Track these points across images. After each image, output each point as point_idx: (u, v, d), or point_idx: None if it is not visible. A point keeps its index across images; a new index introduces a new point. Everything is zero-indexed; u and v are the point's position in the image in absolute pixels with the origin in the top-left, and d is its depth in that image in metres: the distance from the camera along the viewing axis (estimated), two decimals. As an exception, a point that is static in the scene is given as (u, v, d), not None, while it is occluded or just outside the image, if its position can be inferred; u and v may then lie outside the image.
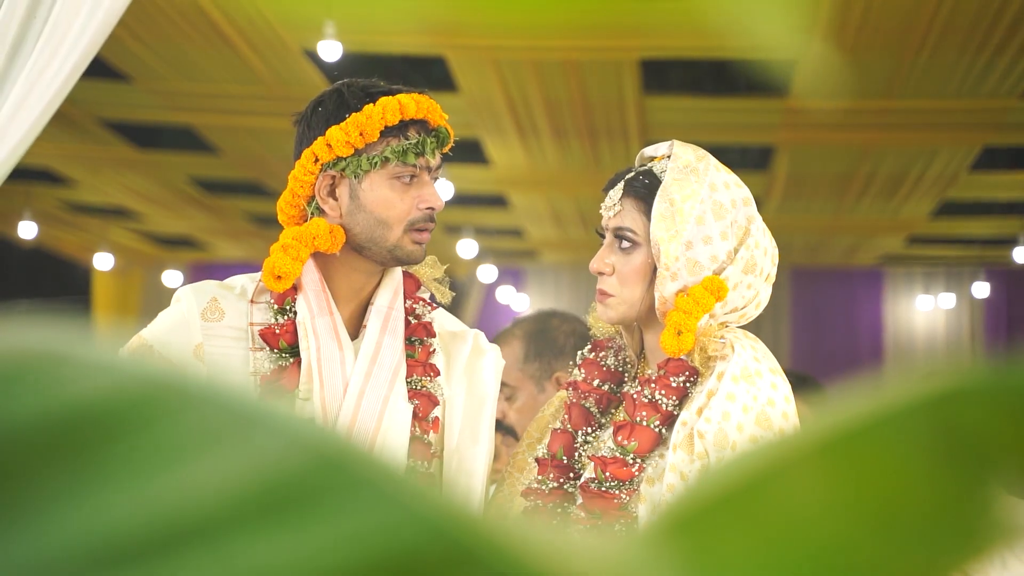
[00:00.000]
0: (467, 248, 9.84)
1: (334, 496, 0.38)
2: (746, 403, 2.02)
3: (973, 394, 0.44)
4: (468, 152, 7.95)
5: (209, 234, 11.57)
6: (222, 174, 8.98)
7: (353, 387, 2.14)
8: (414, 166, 2.14)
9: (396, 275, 2.26)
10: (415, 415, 2.17)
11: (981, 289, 11.40)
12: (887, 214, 9.48)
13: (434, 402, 2.21)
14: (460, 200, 8.83)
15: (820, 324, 12.30)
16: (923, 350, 12.09)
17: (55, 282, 12.27)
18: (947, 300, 12.05)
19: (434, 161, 2.17)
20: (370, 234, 2.15)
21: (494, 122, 7.30)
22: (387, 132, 2.12)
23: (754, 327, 2.16)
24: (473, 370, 2.30)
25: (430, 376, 2.22)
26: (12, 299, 11.52)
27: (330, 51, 5.36)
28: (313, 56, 6.03)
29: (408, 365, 2.20)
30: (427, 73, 6.63)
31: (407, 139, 2.13)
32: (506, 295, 11.94)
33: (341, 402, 2.13)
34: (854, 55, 6.01)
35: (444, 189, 8.02)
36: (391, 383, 2.16)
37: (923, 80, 6.35)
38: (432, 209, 2.16)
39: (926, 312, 12.21)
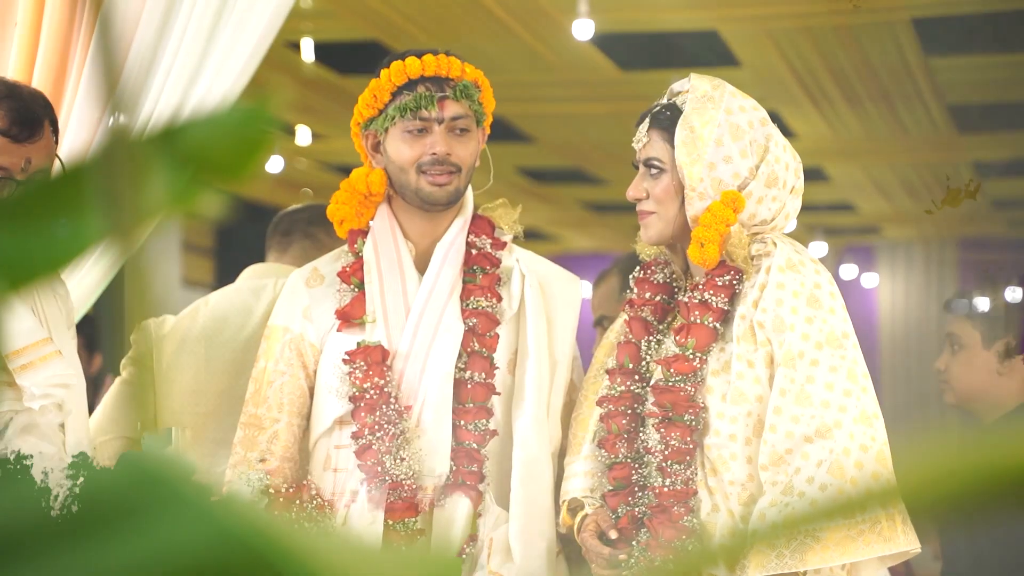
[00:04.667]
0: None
1: (151, 511, 0.41)
2: (795, 289, 2.26)
3: None
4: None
5: (552, 225, 11.86)
6: (544, 163, 9.36)
7: (414, 312, 2.49)
8: (420, 119, 2.47)
9: (464, 215, 2.59)
10: (473, 331, 2.48)
11: None
12: None
13: (493, 321, 2.50)
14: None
15: None
16: None
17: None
18: None
19: (436, 112, 2.47)
20: (397, 178, 2.52)
21: (786, 94, 7.32)
22: (398, 92, 2.48)
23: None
24: (549, 302, 2.60)
25: (489, 298, 2.51)
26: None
27: (584, 30, 5.66)
28: (596, 40, 6.27)
29: (468, 289, 2.52)
30: (710, 48, 6.72)
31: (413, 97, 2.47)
32: (849, 272, 11.63)
33: (404, 324, 2.49)
34: None
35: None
36: (445, 304, 2.49)
37: None
38: (436, 154, 2.47)
39: None
